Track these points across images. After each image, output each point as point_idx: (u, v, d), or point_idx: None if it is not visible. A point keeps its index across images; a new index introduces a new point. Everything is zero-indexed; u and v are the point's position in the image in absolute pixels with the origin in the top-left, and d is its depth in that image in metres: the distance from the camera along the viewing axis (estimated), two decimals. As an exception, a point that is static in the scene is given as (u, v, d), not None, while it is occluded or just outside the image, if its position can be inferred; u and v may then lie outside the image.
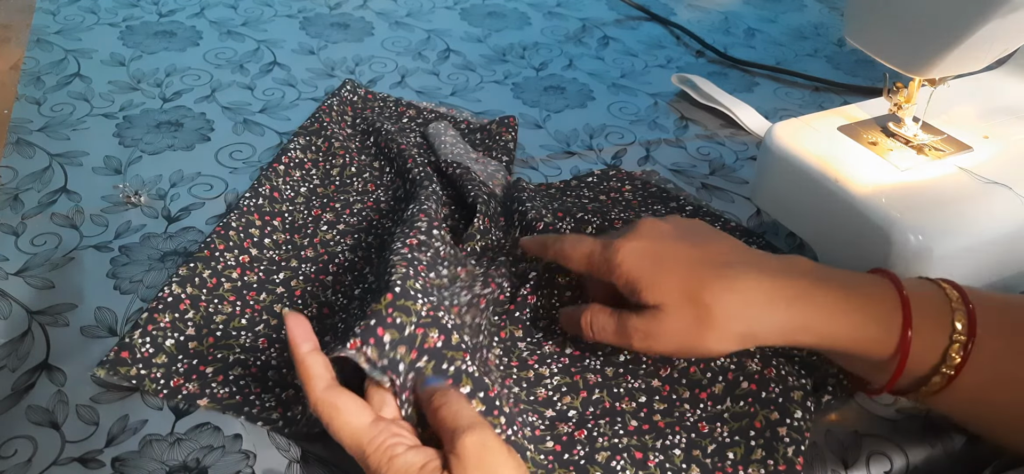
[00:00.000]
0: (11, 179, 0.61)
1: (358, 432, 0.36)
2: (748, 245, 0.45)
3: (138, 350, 0.46)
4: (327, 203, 0.60)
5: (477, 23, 0.93)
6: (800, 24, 0.99)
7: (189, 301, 0.49)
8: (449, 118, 0.71)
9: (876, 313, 0.41)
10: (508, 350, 0.49)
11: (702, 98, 0.78)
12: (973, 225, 0.49)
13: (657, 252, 0.43)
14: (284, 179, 0.61)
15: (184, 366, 0.46)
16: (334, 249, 0.56)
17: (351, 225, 0.58)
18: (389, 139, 0.64)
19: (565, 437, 0.44)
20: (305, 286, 0.53)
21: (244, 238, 0.55)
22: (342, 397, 0.37)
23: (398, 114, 0.72)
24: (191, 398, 0.44)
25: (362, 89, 0.74)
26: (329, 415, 0.36)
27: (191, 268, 0.51)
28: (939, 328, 0.40)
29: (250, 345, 0.48)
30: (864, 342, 0.41)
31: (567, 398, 0.46)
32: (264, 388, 0.45)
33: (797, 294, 0.41)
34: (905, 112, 0.54)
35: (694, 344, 0.41)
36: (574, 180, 0.65)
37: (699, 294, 0.41)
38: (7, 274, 0.52)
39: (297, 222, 0.58)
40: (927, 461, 0.45)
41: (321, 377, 0.37)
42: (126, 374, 0.45)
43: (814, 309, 0.41)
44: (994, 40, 0.48)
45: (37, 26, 0.84)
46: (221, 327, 0.49)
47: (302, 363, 0.38)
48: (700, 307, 0.41)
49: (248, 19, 0.90)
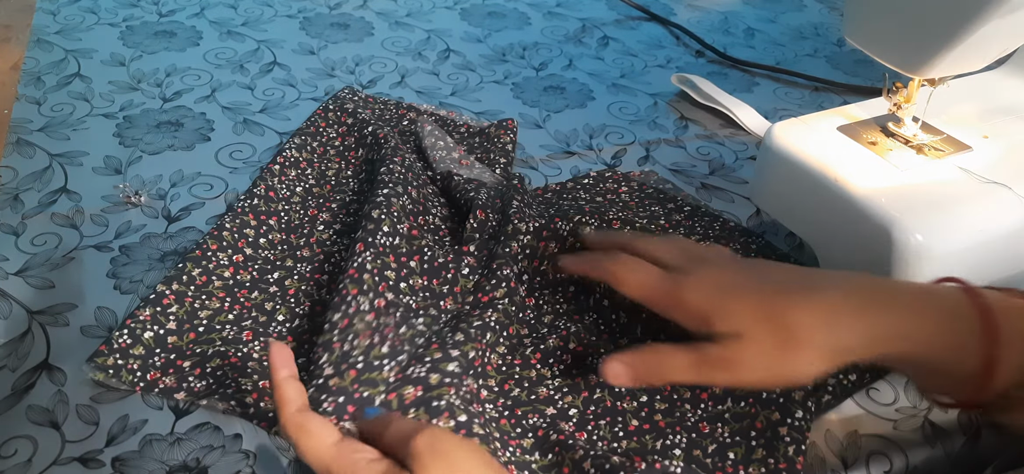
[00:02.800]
0: (11, 179, 0.61)
1: (323, 451, 0.36)
2: (748, 245, 0.45)
3: (115, 341, 0.46)
4: (323, 203, 0.60)
5: (477, 23, 0.93)
6: (800, 24, 0.99)
7: (173, 297, 0.50)
8: (449, 121, 0.71)
9: (957, 315, 0.38)
10: (513, 348, 0.49)
11: (702, 98, 0.78)
12: (973, 225, 0.49)
13: (724, 280, 0.41)
14: (280, 179, 0.61)
15: (161, 360, 0.46)
16: (330, 249, 0.56)
17: (348, 225, 0.58)
18: (382, 143, 0.63)
19: (564, 436, 0.44)
20: (300, 285, 0.53)
21: (238, 238, 0.55)
22: (310, 419, 0.37)
23: (399, 117, 0.71)
24: (168, 392, 0.44)
25: (362, 93, 0.74)
26: (297, 436, 0.37)
27: (180, 267, 0.52)
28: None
29: (233, 337, 0.48)
30: (951, 348, 0.38)
31: (569, 397, 0.46)
32: (242, 374, 0.45)
33: (881, 301, 0.39)
34: (905, 112, 0.54)
35: (783, 370, 0.39)
36: (570, 182, 0.65)
37: (778, 316, 0.38)
38: (7, 274, 0.52)
39: (293, 222, 0.58)
40: (927, 461, 0.45)
41: (293, 401, 0.38)
42: (103, 364, 0.45)
43: (900, 313, 0.38)
44: (994, 40, 0.48)
45: (37, 26, 0.84)
46: (205, 322, 0.49)
47: (278, 387, 0.39)
48: (782, 329, 0.38)
49: (248, 19, 0.90)
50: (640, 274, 0.43)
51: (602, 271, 0.45)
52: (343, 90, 0.73)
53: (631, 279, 0.43)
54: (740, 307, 0.39)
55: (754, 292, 0.40)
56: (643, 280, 0.43)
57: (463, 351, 0.45)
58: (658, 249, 0.45)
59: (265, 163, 0.64)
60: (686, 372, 0.40)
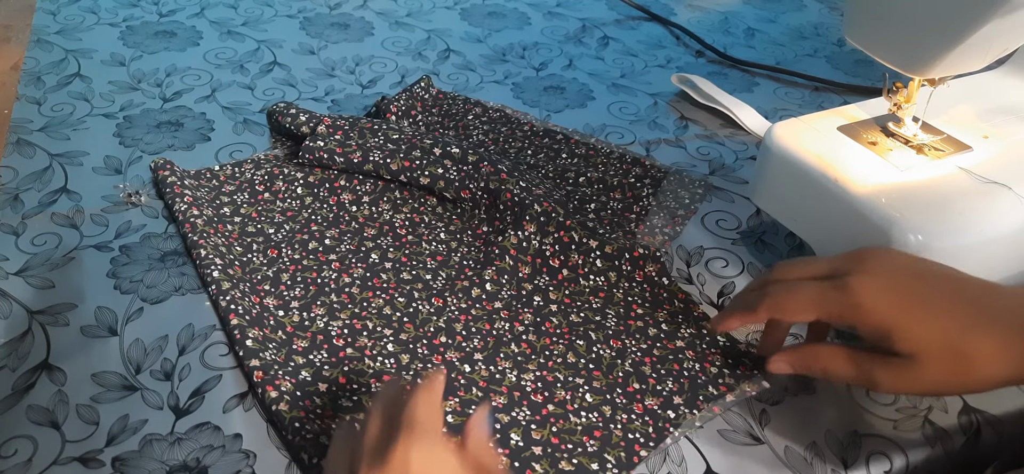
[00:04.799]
0: (11, 179, 0.61)
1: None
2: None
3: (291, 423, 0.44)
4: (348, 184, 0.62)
5: (477, 23, 0.93)
6: (800, 24, 0.99)
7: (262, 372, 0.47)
8: (514, 119, 0.72)
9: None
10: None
11: (702, 98, 0.78)
12: (973, 225, 0.49)
13: (900, 291, 0.40)
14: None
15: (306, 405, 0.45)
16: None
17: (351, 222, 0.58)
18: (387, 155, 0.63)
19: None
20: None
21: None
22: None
23: (465, 112, 0.72)
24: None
25: (434, 89, 0.75)
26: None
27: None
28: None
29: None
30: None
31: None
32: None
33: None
34: (905, 112, 0.54)
35: (952, 389, 0.40)
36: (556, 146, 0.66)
37: (958, 345, 0.39)
38: (7, 274, 0.52)
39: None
40: (927, 461, 0.45)
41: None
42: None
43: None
44: (994, 40, 0.48)
45: (37, 26, 0.84)
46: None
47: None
48: (961, 359, 0.39)
49: (248, 19, 0.90)
50: (805, 293, 0.42)
51: (763, 312, 0.44)
52: (420, 80, 0.75)
53: (797, 304, 0.43)
54: (921, 329, 0.39)
55: (935, 311, 0.40)
56: (809, 298, 0.42)
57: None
58: (804, 268, 0.44)
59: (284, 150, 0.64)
60: (847, 371, 0.42)
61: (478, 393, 0.46)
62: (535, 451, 0.43)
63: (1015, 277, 0.52)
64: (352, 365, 0.47)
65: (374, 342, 0.49)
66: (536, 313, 0.52)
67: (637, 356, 0.49)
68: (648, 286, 0.54)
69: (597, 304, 0.53)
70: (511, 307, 0.52)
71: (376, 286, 0.53)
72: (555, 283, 0.54)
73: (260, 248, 0.55)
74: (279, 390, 0.44)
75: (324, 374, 0.46)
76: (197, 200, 0.58)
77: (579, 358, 0.49)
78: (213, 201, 0.59)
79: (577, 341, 0.50)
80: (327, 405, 0.44)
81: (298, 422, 0.42)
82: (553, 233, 0.55)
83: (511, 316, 0.52)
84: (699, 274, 0.57)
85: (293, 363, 0.47)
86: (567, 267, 0.55)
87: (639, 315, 0.52)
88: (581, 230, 0.55)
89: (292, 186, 0.61)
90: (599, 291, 0.54)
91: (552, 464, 0.42)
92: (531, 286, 0.54)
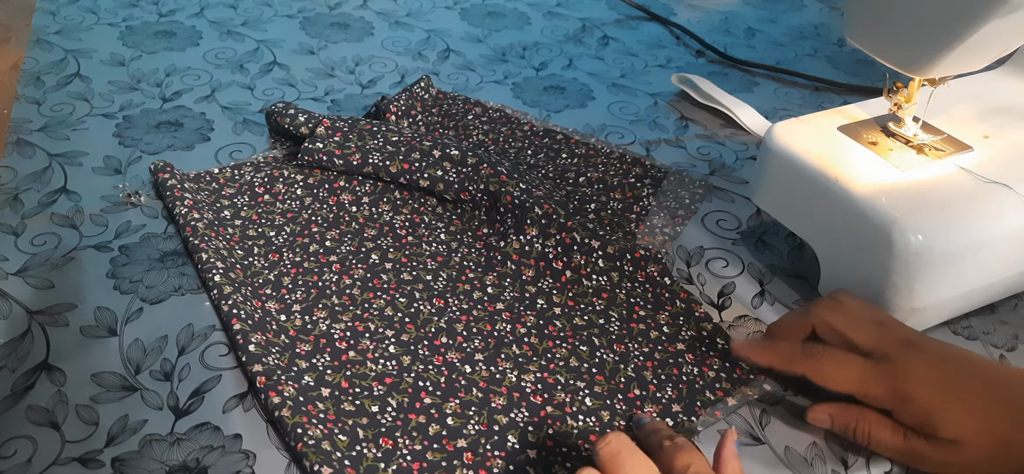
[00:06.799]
0: (11, 179, 0.61)
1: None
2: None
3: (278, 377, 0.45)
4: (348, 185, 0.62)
5: (477, 23, 0.93)
6: (800, 24, 0.99)
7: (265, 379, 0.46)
8: (514, 119, 0.72)
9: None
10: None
11: (702, 98, 0.78)
12: (973, 225, 0.49)
13: (945, 380, 0.42)
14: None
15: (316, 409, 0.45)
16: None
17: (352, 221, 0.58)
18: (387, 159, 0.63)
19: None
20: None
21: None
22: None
23: (464, 112, 0.72)
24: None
25: (433, 89, 0.75)
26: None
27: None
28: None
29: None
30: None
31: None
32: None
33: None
34: (905, 112, 0.54)
35: (993, 470, 0.41)
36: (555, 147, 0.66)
37: (1001, 431, 0.40)
38: (7, 274, 0.52)
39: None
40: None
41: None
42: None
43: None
44: (994, 40, 0.48)
45: (37, 26, 0.84)
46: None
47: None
48: (1005, 445, 0.40)
49: (248, 19, 0.90)
50: (846, 369, 0.43)
51: (804, 368, 0.44)
52: (419, 80, 0.75)
53: (838, 377, 0.43)
54: (964, 416, 0.41)
55: (978, 405, 0.41)
56: (851, 375, 0.43)
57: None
58: (848, 328, 0.45)
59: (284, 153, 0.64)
60: (890, 450, 0.43)
61: (478, 394, 0.46)
62: (529, 455, 0.43)
63: (1015, 277, 0.52)
64: (355, 369, 0.47)
65: (376, 344, 0.49)
66: (539, 315, 0.52)
67: (639, 361, 0.49)
68: (650, 286, 0.54)
69: (600, 305, 0.53)
70: (513, 309, 0.52)
71: (377, 287, 0.53)
72: (558, 286, 0.54)
73: (261, 251, 0.55)
74: (281, 395, 0.44)
75: (326, 378, 0.46)
76: (197, 203, 0.58)
77: (582, 362, 0.49)
78: (213, 204, 0.59)
79: (580, 346, 0.50)
80: (330, 409, 0.44)
81: (301, 428, 0.42)
82: (555, 235, 0.55)
83: (513, 318, 0.52)
84: (699, 274, 0.57)
85: (296, 367, 0.47)
86: (570, 268, 0.55)
87: (641, 317, 0.52)
88: (582, 231, 0.55)
89: (292, 188, 0.61)
90: (602, 291, 0.54)
91: (546, 469, 0.42)
92: (534, 289, 0.54)
